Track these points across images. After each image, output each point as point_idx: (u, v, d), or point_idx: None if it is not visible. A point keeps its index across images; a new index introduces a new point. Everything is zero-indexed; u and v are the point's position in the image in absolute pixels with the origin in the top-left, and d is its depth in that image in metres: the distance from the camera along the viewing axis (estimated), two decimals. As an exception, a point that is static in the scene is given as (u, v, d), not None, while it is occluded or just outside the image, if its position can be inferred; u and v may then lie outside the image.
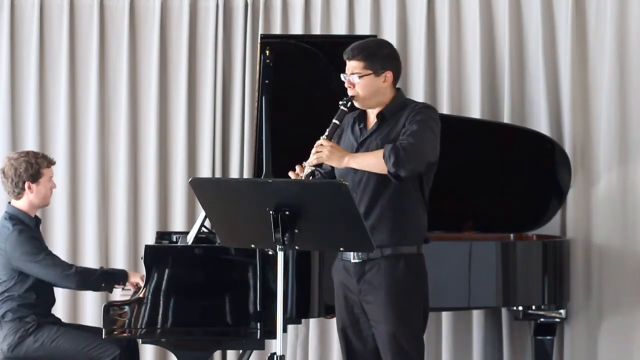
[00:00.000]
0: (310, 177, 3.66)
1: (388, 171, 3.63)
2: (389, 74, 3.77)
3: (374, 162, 3.66)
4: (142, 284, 4.49)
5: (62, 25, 6.00)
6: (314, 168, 3.67)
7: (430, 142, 3.71)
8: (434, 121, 3.75)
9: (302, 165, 3.69)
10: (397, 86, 3.85)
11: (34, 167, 4.64)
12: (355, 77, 3.73)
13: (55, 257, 4.57)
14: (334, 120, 3.71)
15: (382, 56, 3.77)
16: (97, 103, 5.98)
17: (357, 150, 3.77)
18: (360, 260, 3.74)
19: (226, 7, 6.00)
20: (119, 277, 4.65)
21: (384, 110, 3.78)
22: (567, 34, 5.62)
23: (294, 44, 4.79)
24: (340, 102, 3.74)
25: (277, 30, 5.91)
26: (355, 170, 3.73)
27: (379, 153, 3.65)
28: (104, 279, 4.63)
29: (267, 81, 4.64)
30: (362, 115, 3.84)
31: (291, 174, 3.72)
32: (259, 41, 4.77)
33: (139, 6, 6.04)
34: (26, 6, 6.02)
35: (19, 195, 4.64)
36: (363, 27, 5.88)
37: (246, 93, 5.94)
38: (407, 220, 3.75)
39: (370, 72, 3.73)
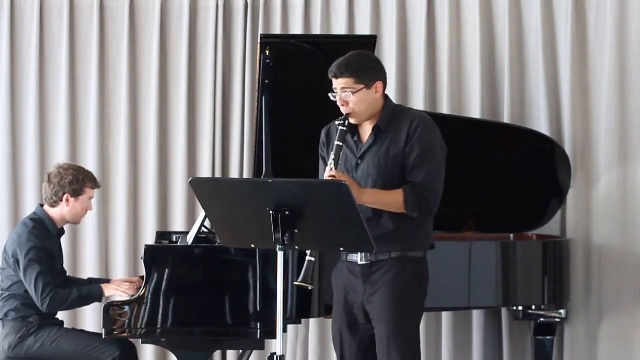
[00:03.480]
0: None
1: (404, 213, 3.67)
2: (379, 85, 3.72)
3: (393, 205, 3.67)
4: (123, 292, 4.50)
5: (62, 25, 6.00)
6: None
7: (443, 177, 3.74)
8: (439, 142, 3.75)
9: None
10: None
11: (79, 182, 4.65)
12: (348, 94, 3.67)
13: (45, 278, 4.51)
14: (337, 143, 3.65)
15: (369, 68, 3.72)
16: (97, 103, 5.98)
17: (357, 166, 3.74)
18: (368, 262, 3.73)
19: (226, 7, 6.00)
20: (93, 298, 4.63)
21: (379, 123, 3.74)
22: (567, 34, 5.62)
23: (294, 44, 4.79)
24: (338, 123, 3.69)
25: (277, 30, 5.91)
26: (365, 178, 3.72)
27: (399, 197, 3.65)
28: (77, 302, 4.62)
29: (267, 81, 4.64)
30: (354, 127, 3.78)
31: None
32: (259, 41, 4.77)
33: (139, 6, 6.04)
34: (26, 6, 6.02)
35: (55, 204, 4.65)
36: (363, 27, 5.88)
37: (246, 93, 5.94)
38: (416, 226, 3.75)
39: (362, 86, 3.68)
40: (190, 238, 4.55)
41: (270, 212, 3.42)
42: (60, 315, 4.81)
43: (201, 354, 4.36)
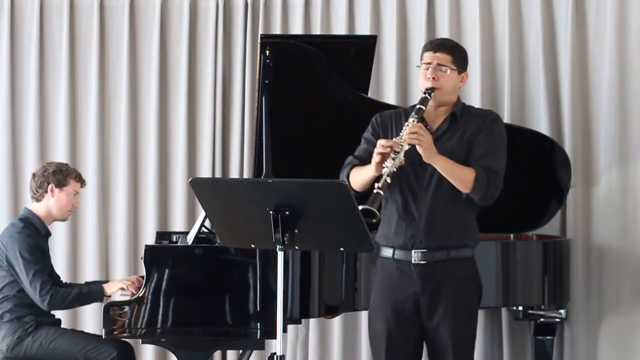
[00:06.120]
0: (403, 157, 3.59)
1: (466, 192, 3.69)
2: (465, 76, 3.85)
3: (461, 178, 3.68)
4: (125, 288, 4.52)
5: (62, 25, 6.00)
6: (408, 147, 3.60)
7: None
8: (506, 143, 3.85)
9: (395, 141, 3.60)
10: None
11: (62, 172, 4.72)
12: (445, 70, 3.75)
13: (42, 276, 4.55)
14: (419, 106, 3.70)
15: (464, 57, 3.86)
16: (97, 103, 5.98)
17: None
18: (426, 262, 3.72)
19: (226, 7, 6.00)
20: (94, 296, 4.65)
21: (455, 109, 3.81)
22: (567, 34, 5.62)
23: (294, 44, 4.79)
24: (424, 91, 3.74)
25: (277, 30, 5.91)
26: (425, 169, 3.72)
27: (471, 173, 3.68)
28: (78, 300, 4.64)
29: (267, 81, 4.64)
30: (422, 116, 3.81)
31: (384, 142, 3.59)
32: (259, 41, 4.77)
33: (139, 6, 6.04)
34: (26, 6, 6.02)
35: (40, 197, 4.68)
36: (363, 27, 5.87)
37: (246, 93, 5.94)
38: (470, 219, 3.81)
39: (455, 68, 3.79)
40: (190, 238, 4.55)
41: (270, 212, 3.43)
42: (60, 315, 4.81)
43: (201, 354, 4.36)
